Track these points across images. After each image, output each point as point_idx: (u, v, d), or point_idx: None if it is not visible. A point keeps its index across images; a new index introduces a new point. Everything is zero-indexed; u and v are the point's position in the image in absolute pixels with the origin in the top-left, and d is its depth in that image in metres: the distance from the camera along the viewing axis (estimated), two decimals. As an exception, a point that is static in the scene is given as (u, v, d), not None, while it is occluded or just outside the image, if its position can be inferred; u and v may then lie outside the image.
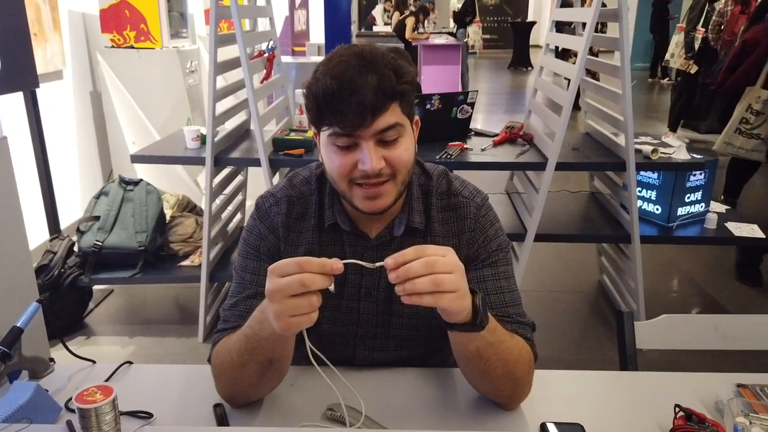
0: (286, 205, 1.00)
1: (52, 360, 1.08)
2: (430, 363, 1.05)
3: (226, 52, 2.29)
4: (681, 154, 2.35)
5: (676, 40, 5.61)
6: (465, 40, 8.68)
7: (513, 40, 12.63)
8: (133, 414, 0.91)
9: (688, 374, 1.06)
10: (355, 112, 0.83)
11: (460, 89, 7.37)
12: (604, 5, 2.25)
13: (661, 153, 2.33)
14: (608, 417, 0.94)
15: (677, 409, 0.91)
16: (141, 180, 2.64)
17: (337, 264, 0.73)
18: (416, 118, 0.96)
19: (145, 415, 0.91)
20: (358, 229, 0.99)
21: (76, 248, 2.52)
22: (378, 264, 0.76)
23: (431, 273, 0.72)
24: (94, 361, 1.08)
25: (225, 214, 2.63)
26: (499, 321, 0.91)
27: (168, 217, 2.70)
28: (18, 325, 0.95)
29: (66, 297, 2.43)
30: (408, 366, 1.04)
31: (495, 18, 16.10)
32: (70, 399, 0.93)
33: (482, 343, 0.85)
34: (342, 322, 1.01)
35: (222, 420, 0.91)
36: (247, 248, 1.00)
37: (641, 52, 10.76)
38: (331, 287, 0.74)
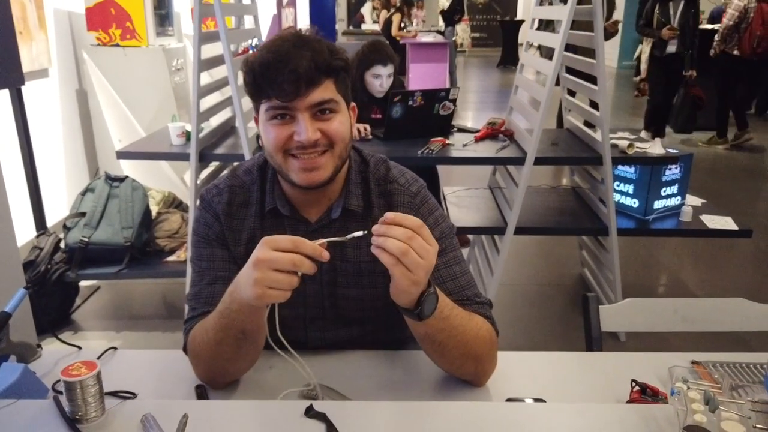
0: (227, 195, 1.04)
1: (39, 346, 1.12)
2: (384, 341, 1.09)
3: (212, 50, 2.32)
4: (656, 149, 2.42)
5: (645, 58, 5.46)
6: (453, 38, 8.75)
7: (502, 39, 12.72)
8: (117, 394, 0.94)
9: (647, 353, 1.12)
10: (289, 81, 0.88)
11: (448, 87, 7.42)
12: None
13: (637, 148, 2.39)
14: (570, 392, 1.00)
15: (633, 384, 0.97)
16: (127, 177, 2.66)
17: (324, 253, 0.78)
18: (353, 104, 1.01)
19: (129, 395, 0.94)
20: (298, 213, 1.03)
21: (62, 244, 2.54)
22: (350, 236, 0.81)
23: (405, 243, 0.77)
24: (79, 347, 1.12)
25: (211, 210, 2.66)
26: (459, 304, 0.95)
27: (154, 214, 2.73)
28: (6, 310, 0.99)
29: (53, 293, 2.45)
30: (361, 345, 1.08)
31: (484, 16, 16.16)
32: (58, 381, 0.97)
33: (431, 330, 0.89)
34: (289, 305, 1.04)
35: (203, 398, 0.95)
36: (197, 238, 1.04)
37: (629, 51, 10.83)
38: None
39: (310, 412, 0.81)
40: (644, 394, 0.95)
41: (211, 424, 0.81)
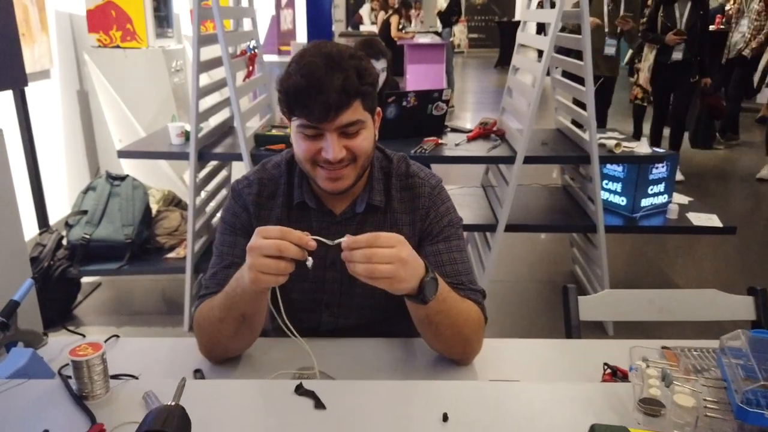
0: (257, 186, 1.12)
1: (45, 334, 1.18)
2: (391, 331, 1.16)
3: (211, 51, 2.38)
4: (643, 148, 2.49)
5: (647, 65, 4.75)
6: (451, 39, 8.80)
7: (500, 39, 12.79)
8: (120, 377, 1.00)
9: (621, 340, 1.17)
10: (320, 109, 0.95)
11: (445, 87, 7.46)
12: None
13: (624, 147, 2.46)
14: (546, 374, 1.06)
15: (605, 367, 1.03)
16: (127, 175, 2.72)
17: (311, 242, 0.85)
18: (378, 109, 1.08)
19: (132, 377, 1.00)
20: (324, 206, 1.11)
21: (64, 242, 2.60)
22: (336, 241, 0.88)
23: (368, 263, 0.84)
24: (83, 335, 1.18)
25: (209, 208, 2.72)
26: (454, 288, 1.03)
27: (154, 212, 2.79)
28: (15, 298, 1.05)
29: (55, 288, 2.51)
30: (370, 332, 1.15)
31: (482, 17, 16.21)
32: (63, 366, 1.03)
33: (431, 311, 0.96)
34: (309, 290, 1.12)
35: (200, 382, 1.02)
36: (224, 225, 1.12)
37: (625, 52, 10.82)
38: (309, 262, 0.86)
39: (299, 390, 0.88)
40: (615, 376, 1.02)
41: (207, 401, 0.87)
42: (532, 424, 0.82)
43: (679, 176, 4.52)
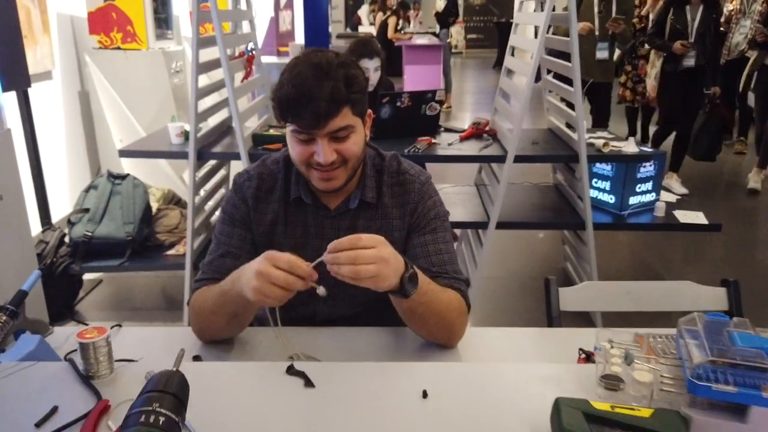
0: (256, 181, 1.19)
1: (51, 325, 1.24)
2: (383, 320, 1.21)
3: (210, 53, 2.45)
4: (630, 148, 2.55)
5: (654, 73, 4.52)
6: (448, 40, 8.86)
7: (498, 40, 12.85)
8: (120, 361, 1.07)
9: (597, 329, 1.24)
10: (310, 117, 1.02)
11: (439, 88, 7.51)
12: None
13: (612, 146, 2.52)
14: (525, 359, 1.13)
15: (581, 352, 1.09)
16: (128, 174, 2.79)
17: (314, 274, 0.92)
18: (369, 111, 1.15)
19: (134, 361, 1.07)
20: (319, 202, 1.18)
21: (67, 239, 2.67)
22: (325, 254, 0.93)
23: (353, 264, 0.89)
24: (87, 324, 1.24)
25: (208, 207, 2.79)
26: (439, 276, 1.10)
27: (154, 210, 2.86)
28: (23, 288, 1.11)
29: (58, 285, 2.57)
30: (363, 322, 1.21)
31: (481, 18, 16.28)
32: (69, 353, 1.09)
33: (413, 303, 1.02)
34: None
35: (199, 366, 1.08)
36: (224, 215, 1.20)
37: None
38: (320, 291, 0.93)
39: (290, 371, 0.94)
40: (589, 360, 1.08)
41: (205, 381, 0.93)
42: (505, 398, 0.89)
43: (682, 189, 4.31)
